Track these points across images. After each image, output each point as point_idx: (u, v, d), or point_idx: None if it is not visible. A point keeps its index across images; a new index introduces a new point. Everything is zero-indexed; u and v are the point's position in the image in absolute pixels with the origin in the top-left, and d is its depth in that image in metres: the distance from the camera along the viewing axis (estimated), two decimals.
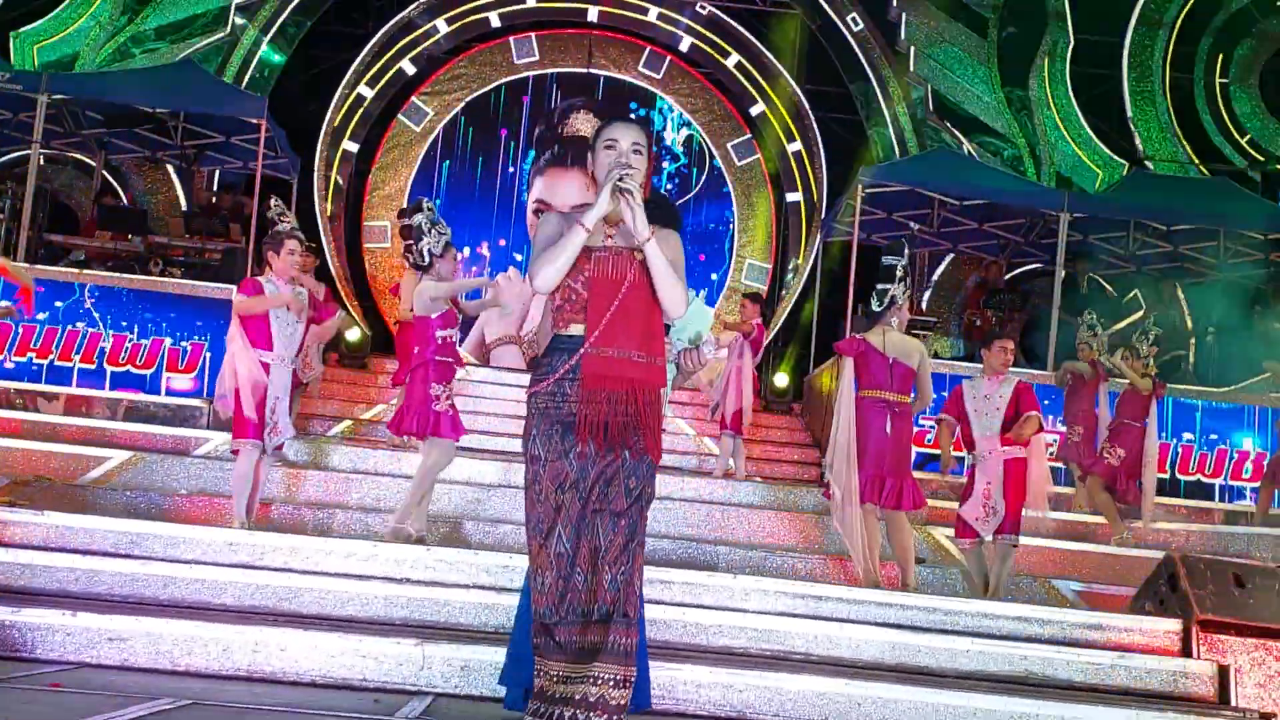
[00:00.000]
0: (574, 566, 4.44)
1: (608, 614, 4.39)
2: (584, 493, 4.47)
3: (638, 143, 4.64)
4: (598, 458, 4.48)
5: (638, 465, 4.52)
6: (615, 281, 4.55)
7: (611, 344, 4.51)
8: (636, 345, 4.54)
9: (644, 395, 4.53)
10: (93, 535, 6.77)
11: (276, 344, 8.30)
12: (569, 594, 4.42)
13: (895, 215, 16.40)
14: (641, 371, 4.54)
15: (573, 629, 4.41)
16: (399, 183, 20.17)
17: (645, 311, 4.56)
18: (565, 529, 4.45)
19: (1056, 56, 18.65)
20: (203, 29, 18.13)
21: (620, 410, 4.49)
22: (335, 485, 9.81)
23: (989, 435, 9.01)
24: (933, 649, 6.55)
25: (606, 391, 4.48)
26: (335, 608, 6.20)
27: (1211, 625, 6.82)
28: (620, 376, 4.51)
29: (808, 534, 10.22)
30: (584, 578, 4.44)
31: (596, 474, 4.48)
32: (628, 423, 4.49)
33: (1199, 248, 16.05)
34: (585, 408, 4.47)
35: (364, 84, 19.87)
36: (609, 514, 4.46)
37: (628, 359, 4.52)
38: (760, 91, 20.45)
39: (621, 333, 4.52)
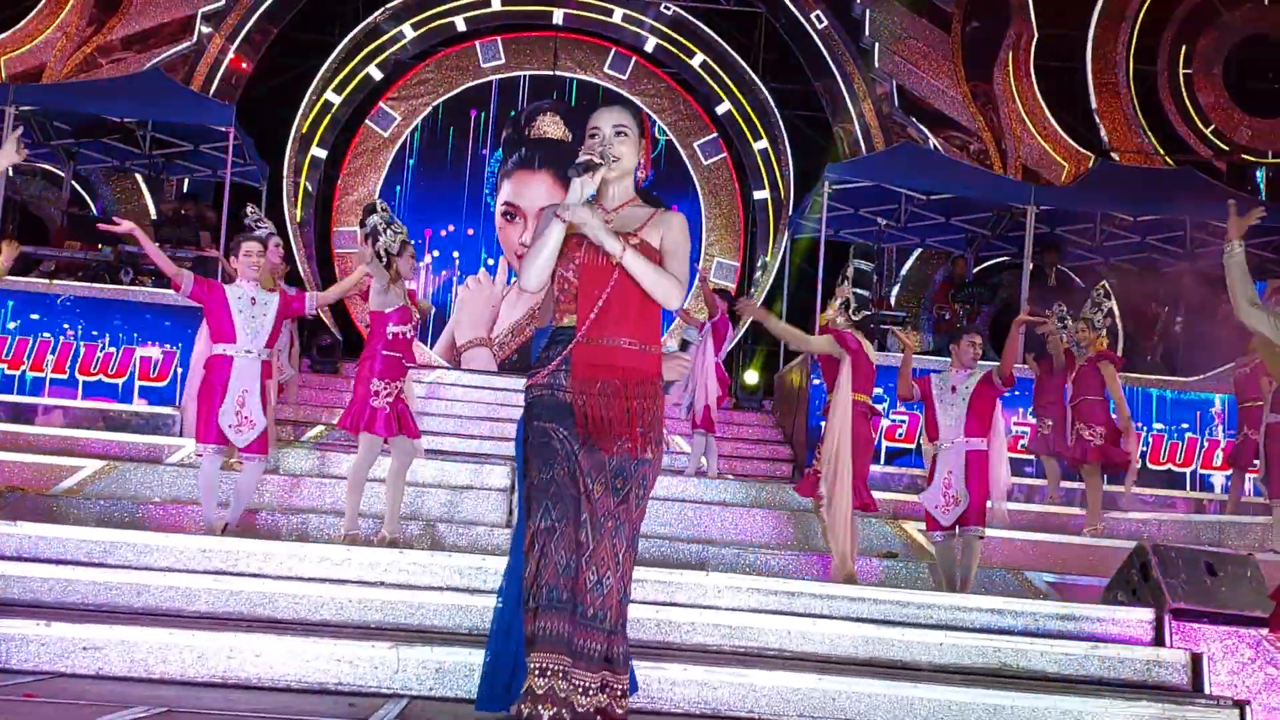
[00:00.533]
0: (558, 546, 4.31)
1: (589, 617, 4.29)
2: (573, 473, 4.37)
3: (620, 124, 4.54)
4: (592, 445, 4.37)
5: (625, 464, 4.39)
6: (606, 268, 4.43)
7: (603, 332, 4.40)
8: (628, 332, 4.43)
9: (637, 385, 4.41)
10: (65, 545, 6.76)
11: (240, 336, 8.31)
12: (546, 574, 4.29)
13: (862, 211, 16.46)
14: (634, 360, 4.43)
15: (550, 615, 4.28)
16: (368, 188, 20.13)
17: (640, 297, 4.44)
18: (554, 506, 4.34)
19: (1020, 50, 18.74)
20: (169, 38, 18.08)
21: (614, 401, 4.38)
22: (308, 490, 9.81)
23: (953, 425, 9.08)
24: (906, 643, 6.58)
25: (599, 381, 4.38)
26: (309, 612, 6.21)
27: (1184, 614, 6.86)
28: (612, 365, 4.40)
29: (781, 530, 10.26)
30: (565, 560, 4.31)
31: (589, 463, 4.37)
32: (621, 416, 4.38)
33: (1166, 238, 16.15)
34: (578, 398, 4.38)
35: (331, 90, 19.85)
36: (597, 513, 4.34)
37: (618, 347, 4.42)
38: (726, 91, 20.51)
39: (613, 320, 4.42)
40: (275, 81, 19.47)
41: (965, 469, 8.97)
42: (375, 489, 9.46)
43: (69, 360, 12.64)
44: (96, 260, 14.42)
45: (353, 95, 20.19)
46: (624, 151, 4.53)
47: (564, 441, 4.40)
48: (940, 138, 18.48)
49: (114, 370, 12.65)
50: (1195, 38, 19.09)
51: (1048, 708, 5.74)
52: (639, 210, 4.60)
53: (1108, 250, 16.78)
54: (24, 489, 9.11)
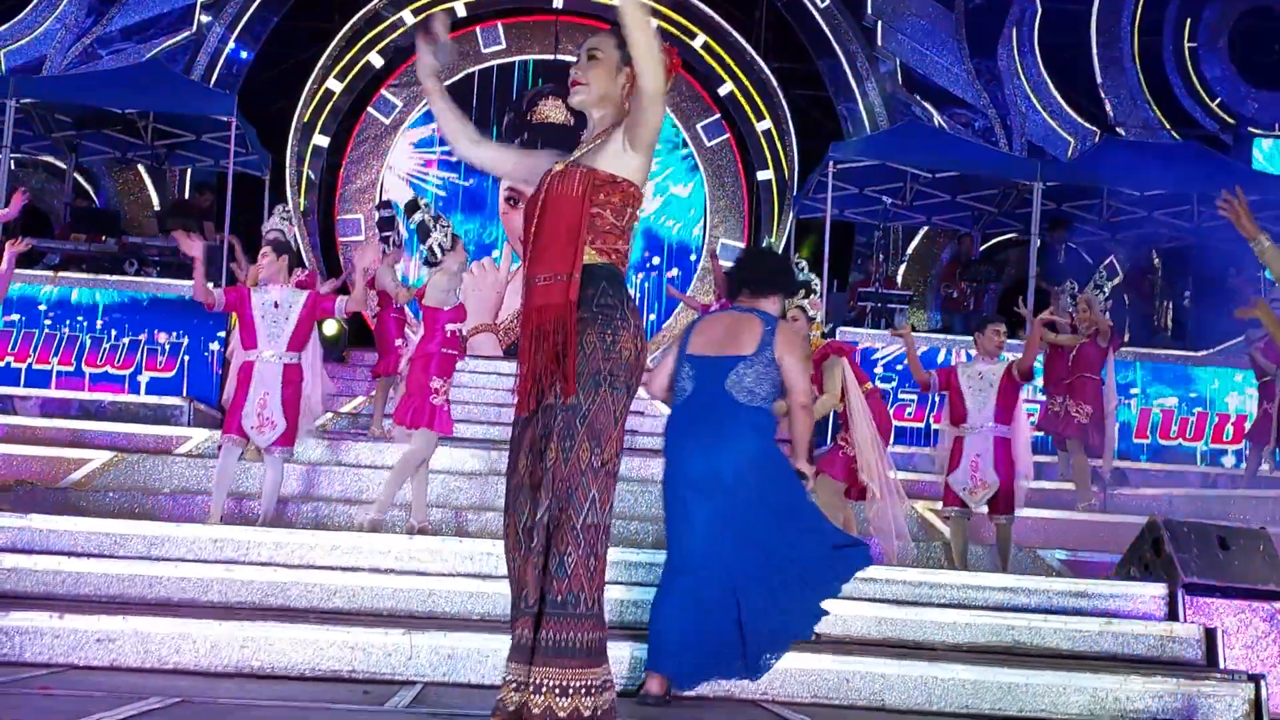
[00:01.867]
0: (508, 547, 3.99)
1: (538, 604, 3.84)
2: (514, 460, 3.99)
3: (594, 48, 4.22)
4: (535, 414, 3.94)
5: (567, 418, 3.87)
6: (533, 205, 4.07)
7: (537, 270, 3.99)
8: (542, 267, 3.98)
9: (547, 325, 3.90)
10: (76, 537, 6.76)
11: (260, 341, 8.36)
12: (510, 578, 3.98)
13: (867, 190, 16.42)
14: (546, 296, 3.94)
15: (513, 622, 3.93)
16: (370, 175, 20.10)
17: (554, 225, 3.99)
18: (506, 503, 4.02)
19: (1024, 26, 18.67)
20: (169, 28, 18.02)
21: (543, 348, 3.89)
22: (317, 478, 9.81)
23: (982, 411, 9.13)
24: (920, 622, 6.58)
25: (532, 328, 3.93)
26: (322, 600, 6.21)
27: (1197, 588, 6.86)
28: (537, 306, 3.95)
29: None
30: (513, 559, 3.96)
31: (531, 436, 3.94)
32: (545, 365, 3.89)
33: (1173, 212, 16.10)
34: (521, 356, 3.97)
35: (332, 78, 19.79)
36: (529, 485, 3.92)
37: (536, 285, 3.98)
38: (728, 71, 20.43)
39: (533, 260, 4.00)
40: (276, 70, 19.41)
41: (994, 453, 9.02)
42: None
43: (75, 353, 12.65)
44: (101, 252, 14.42)
45: (354, 83, 20.12)
46: (591, 76, 4.17)
47: (519, 421, 4.03)
48: (945, 115, 18.42)
49: (120, 361, 12.66)
50: (1200, 10, 19.00)
51: (1062, 685, 5.73)
52: (602, 140, 4.14)
53: (1115, 225, 16.73)
54: (33, 482, 9.12)
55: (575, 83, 4.13)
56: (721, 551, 5.16)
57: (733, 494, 5.20)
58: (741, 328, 5.58)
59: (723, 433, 5.30)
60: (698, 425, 5.35)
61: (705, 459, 5.26)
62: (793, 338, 5.65)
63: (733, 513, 5.17)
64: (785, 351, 5.51)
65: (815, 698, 5.57)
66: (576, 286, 3.90)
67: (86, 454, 9.81)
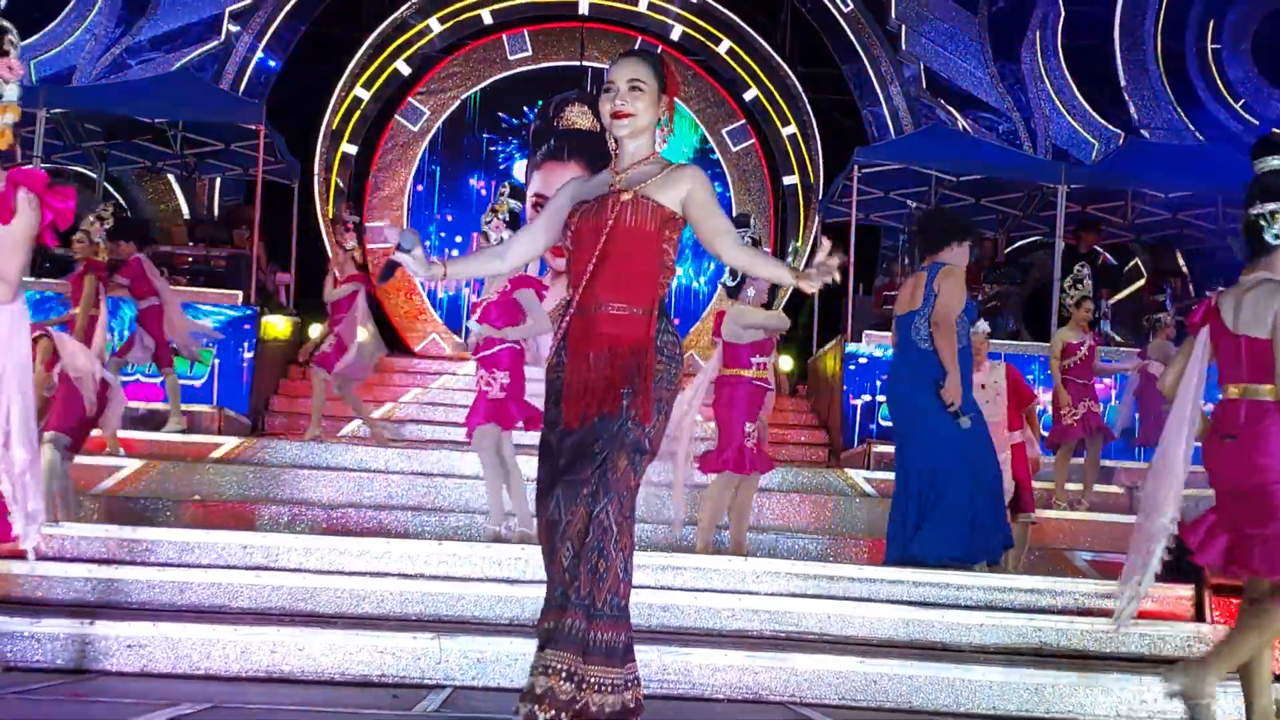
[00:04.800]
0: (543, 543, 4.10)
1: (564, 597, 3.98)
2: (555, 463, 4.13)
3: (635, 79, 4.23)
4: (570, 427, 4.12)
5: (606, 426, 4.06)
6: (596, 229, 4.17)
7: (591, 300, 4.14)
8: (614, 295, 4.14)
9: (622, 354, 4.10)
10: (108, 544, 6.84)
11: None
12: (554, 570, 4.07)
13: (892, 194, 16.41)
14: (618, 326, 4.13)
15: (558, 612, 4.01)
16: (398, 183, 20.19)
17: (627, 255, 4.16)
18: (540, 503, 4.12)
19: (1047, 29, 18.63)
20: (197, 38, 18.15)
21: (599, 373, 4.10)
22: (348, 484, 9.86)
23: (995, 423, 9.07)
24: (946, 624, 6.59)
25: (589, 354, 4.12)
26: (351, 606, 6.26)
27: (1224, 590, 6.85)
28: (598, 334, 4.12)
29: (818, 515, 10.25)
30: (547, 555, 4.08)
31: (572, 443, 4.09)
32: (607, 386, 4.08)
33: (1198, 214, 16.05)
34: (570, 375, 4.14)
35: (360, 86, 19.90)
36: (565, 483, 4.03)
37: (604, 313, 4.13)
38: (753, 76, 20.45)
39: (601, 285, 4.14)
40: (304, 79, 19.51)
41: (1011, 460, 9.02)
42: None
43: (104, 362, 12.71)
44: None
45: (381, 90, 20.22)
46: (639, 107, 4.23)
47: (558, 429, 4.17)
48: (969, 119, 18.40)
49: (150, 370, 12.73)
50: (1223, 13, 18.92)
51: (1089, 686, 5.74)
52: (650, 168, 4.30)
53: (1139, 228, 16.69)
54: None
55: (620, 115, 4.22)
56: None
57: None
58: (915, 285, 7.71)
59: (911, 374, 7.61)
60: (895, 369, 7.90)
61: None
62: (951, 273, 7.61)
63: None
64: (940, 280, 7.60)
65: (843, 699, 5.59)
66: (655, 324, 4.17)
67: (118, 461, 9.89)
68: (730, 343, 8.65)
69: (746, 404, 8.53)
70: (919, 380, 7.65)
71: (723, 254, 4.30)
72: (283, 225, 16.39)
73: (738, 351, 8.62)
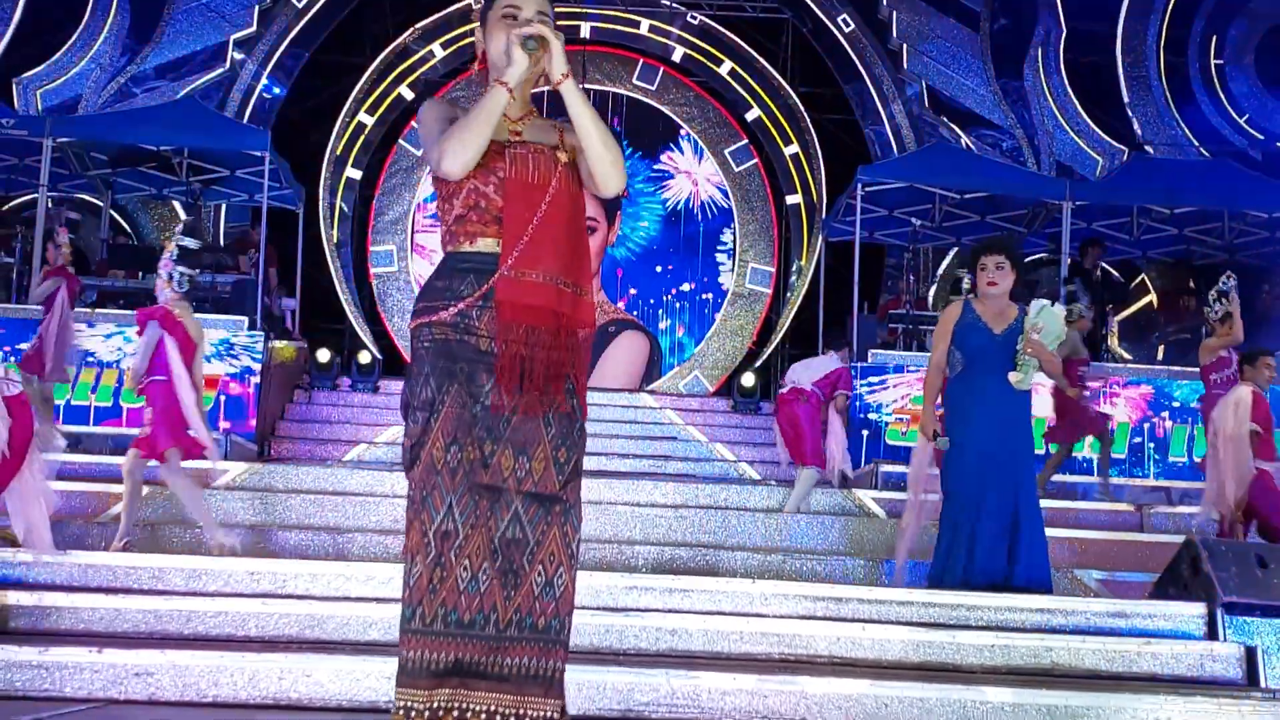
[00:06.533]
0: (460, 554, 3.51)
1: (535, 628, 3.50)
2: (489, 456, 3.53)
3: (544, 13, 3.73)
4: (513, 413, 3.55)
5: (569, 430, 3.60)
6: (538, 187, 3.60)
7: (534, 265, 3.54)
8: (562, 269, 3.58)
9: (570, 335, 3.60)
10: (115, 572, 6.81)
11: None
12: (444, 592, 3.49)
13: (896, 212, 16.42)
14: (569, 304, 3.59)
15: (460, 644, 3.49)
16: (402, 207, 20.25)
17: (571, 228, 3.63)
18: (458, 500, 3.53)
19: (1049, 46, 18.65)
20: (202, 65, 18.23)
21: (542, 352, 3.54)
22: (353, 509, 9.83)
23: None
24: (957, 645, 6.54)
25: (525, 326, 3.54)
26: (358, 632, 6.23)
27: (1236, 607, 6.80)
28: (544, 308, 3.55)
29: (827, 535, 10.22)
30: (472, 575, 3.50)
31: (511, 433, 3.53)
32: (551, 370, 3.56)
33: (1204, 229, 16.04)
34: (503, 345, 3.52)
35: (364, 111, 19.99)
36: (533, 497, 3.53)
37: (553, 285, 3.56)
38: (755, 97, 20.52)
39: (546, 253, 3.56)
40: (308, 105, 19.61)
41: None
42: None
43: (113, 387, 12.74)
44: (138, 288, 14.54)
45: (385, 116, 20.32)
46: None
47: (481, 409, 3.56)
48: (972, 136, 18.42)
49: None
50: (1225, 28, 18.96)
51: (1101, 706, 5.69)
52: (545, 121, 3.84)
53: (1146, 244, 16.68)
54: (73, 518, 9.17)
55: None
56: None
57: None
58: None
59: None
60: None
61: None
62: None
63: None
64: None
65: None
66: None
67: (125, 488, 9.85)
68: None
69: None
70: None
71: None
72: (288, 250, 16.43)
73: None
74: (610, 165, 3.62)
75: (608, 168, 3.62)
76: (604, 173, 3.62)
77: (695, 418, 15.63)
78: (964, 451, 7.66)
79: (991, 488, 7.54)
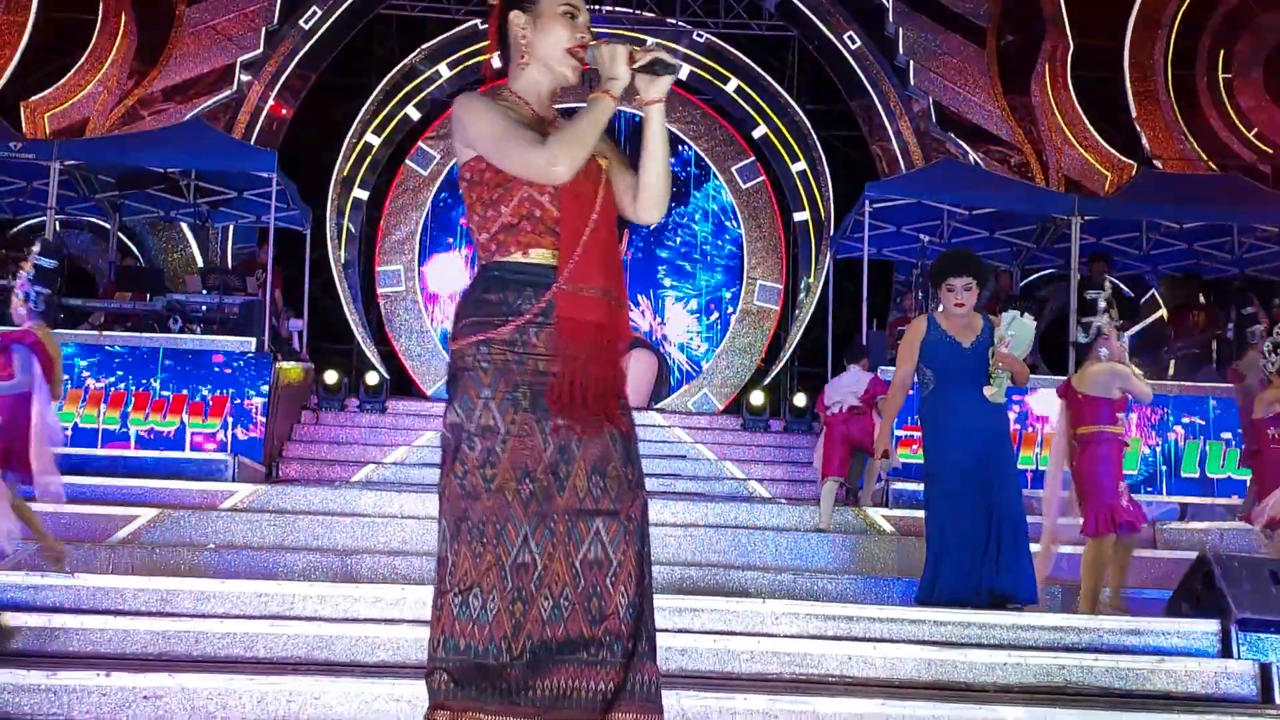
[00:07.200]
0: (541, 585, 3.35)
1: (624, 650, 3.36)
2: (564, 479, 3.39)
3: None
4: (578, 435, 3.41)
5: (631, 446, 3.50)
6: (589, 196, 3.49)
7: (587, 280, 3.41)
8: (609, 281, 3.47)
9: (616, 350, 3.48)
10: (123, 595, 6.79)
11: None
12: (529, 624, 3.33)
13: (904, 228, 16.39)
14: (617, 318, 3.49)
15: (542, 672, 3.33)
16: (409, 226, 20.27)
17: (613, 239, 3.53)
18: (533, 531, 3.36)
19: (1056, 61, 18.65)
20: (209, 87, 18.28)
21: (595, 369, 3.41)
22: (361, 530, 9.81)
23: None
24: (969, 663, 6.50)
25: (585, 343, 3.40)
26: (367, 654, 6.20)
27: (1250, 624, 6.76)
28: (598, 324, 3.43)
29: (837, 554, 10.19)
30: (554, 603, 3.36)
31: (582, 453, 3.40)
32: (605, 386, 3.43)
33: (1214, 244, 16.01)
34: (564, 365, 3.39)
35: (371, 132, 20.03)
36: (611, 515, 3.42)
37: (604, 300, 3.45)
38: (761, 114, 20.53)
39: (596, 266, 3.44)
40: (315, 126, 19.64)
41: None
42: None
43: (121, 409, 12.74)
44: (145, 310, 14.56)
45: (392, 136, 20.38)
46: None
47: (549, 435, 3.39)
48: (980, 152, 18.41)
49: (165, 418, 12.74)
50: (1233, 42, 18.95)
51: None
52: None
53: (1155, 258, 16.65)
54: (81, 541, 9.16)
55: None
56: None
57: None
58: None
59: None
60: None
61: None
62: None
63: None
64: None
65: None
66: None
67: (132, 511, 9.86)
68: (1092, 398, 8.60)
69: (1116, 461, 8.54)
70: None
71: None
72: (295, 271, 16.45)
73: (1100, 408, 8.59)
74: (661, 198, 3.54)
75: (658, 199, 3.54)
76: (652, 203, 3.55)
77: (704, 436, 15.61)
78: (943, 468, 7.67)
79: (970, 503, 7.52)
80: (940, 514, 7.65)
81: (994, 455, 7.62)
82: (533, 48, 3.67)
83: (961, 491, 7.55)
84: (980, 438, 7.58)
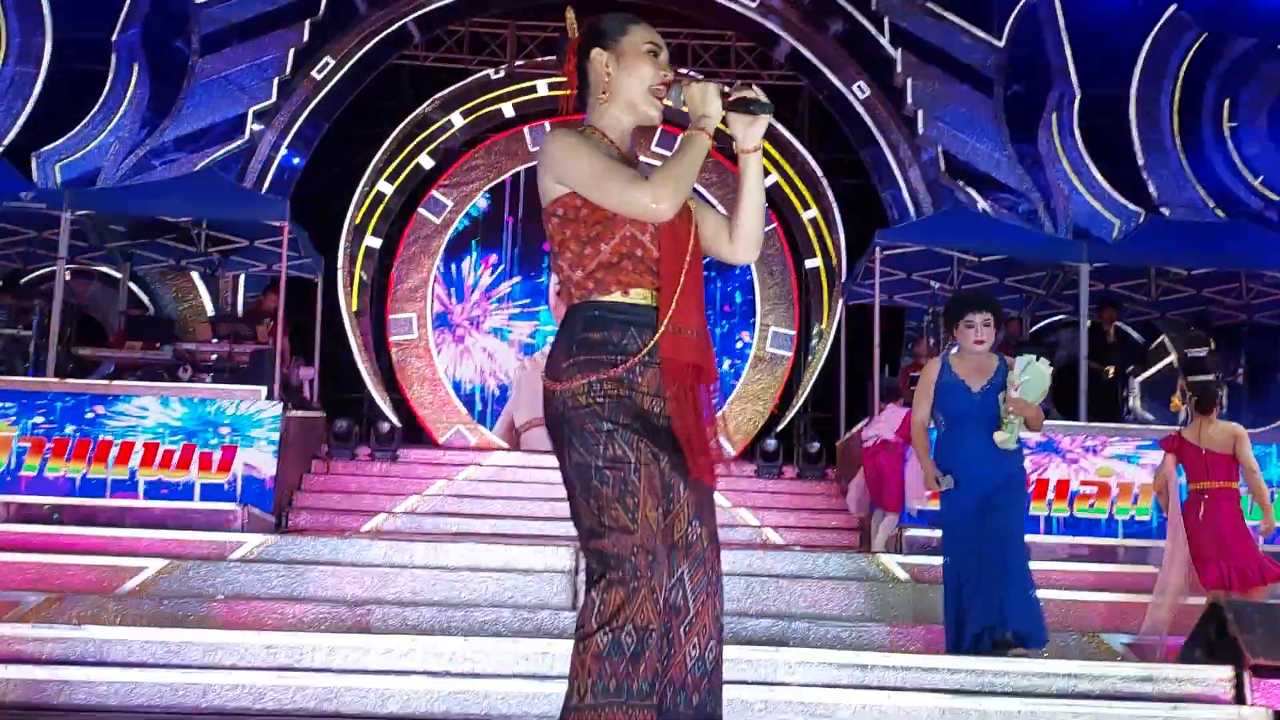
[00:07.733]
0: (690, 633, 3.37)
1: (686, 702, 3.33)
2: (689, 522, 3.44)
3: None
4: (683, 476, 3.42)
5: (712, 494, 3.55)
6: (684, 235, 3.46)
7: (686, 321, 3.39)
8: (702, 321, 3.47)
9: (709, 391, 3.48)
10: (130, 647, 6.76)
11: None
12: (672, 669, 3.33)
13: (915, 275, 16.42)
14: (709, 358, 3.48)
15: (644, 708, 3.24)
16: (422, 274, 20.33)
17: (701, 279, 3.51)
18: (690, 573, 3.38)
19: (1064, 110, 18.70)
20: (221, 137, 18.34)
21: (692, 411, 3.41)
22: (372, 580, 9.77)
23: None
24: (983, 712, 6.46)
25: (685, 385, 3.40)
26: (376, 706, 6.18)
27: (1264, 670, 6.72)
28: (696, 365, 3.42)
29: (850, 602, 10.12)
30: (699, 656, 3.37)
31: (686, 500, 3.43)
32: (705, 430, 3.45)
33: (1222, 290, 16.02)
34: (675, 406, 3.38)
35: (383, 180, 20.12)
36: (704, 565, 3.40)
37: (700, 340, 3.43)
38: (773, 162, 20.55)
39: (692, 306, 3.42)
40: (327, 174, 19.72)
41: None
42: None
43: (129, 460, 12.72)
44: (156, 360, 14.58)
45: (405, 184, 20.46)
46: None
47: (667, 466, 3.39)
48: (989, 199, 18.42)
49: (174, 468, 12.72)
50: (1238, 92, 19.02)
51: None
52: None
53: (1164, 305, 16.65)
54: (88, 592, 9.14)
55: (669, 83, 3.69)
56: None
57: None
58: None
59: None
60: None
61: None
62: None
63: None
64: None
65: None
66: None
67: (141, 562, 9.82)
68: (1216, 454, 8.92)
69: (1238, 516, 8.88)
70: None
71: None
72: (307, 319, 16.48)
73: (1221, 463, 8.93)
74: (759, 239, 3.56)
75: (756, 241, 3.55)
76: (752, 244, 3.56)
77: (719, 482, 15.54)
78: (954, 515, 7.67)
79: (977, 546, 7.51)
80: (953, 559, 7.64)
81: (1003, 498, 7.60)
82: (616, 86, 3.65)
83: (970, 536, 7.54)
84: (989, 482, 7.57)
